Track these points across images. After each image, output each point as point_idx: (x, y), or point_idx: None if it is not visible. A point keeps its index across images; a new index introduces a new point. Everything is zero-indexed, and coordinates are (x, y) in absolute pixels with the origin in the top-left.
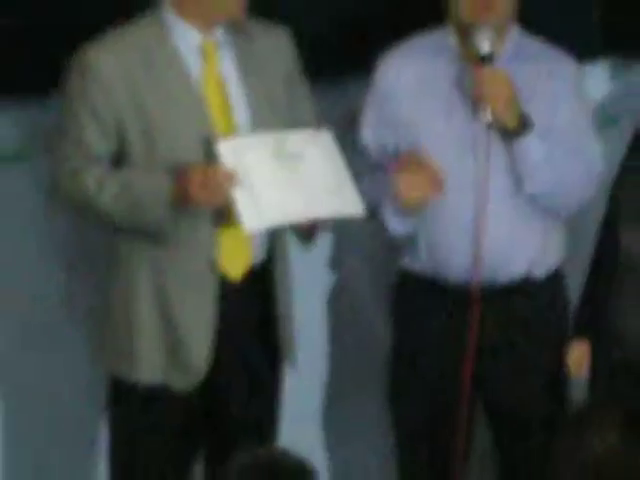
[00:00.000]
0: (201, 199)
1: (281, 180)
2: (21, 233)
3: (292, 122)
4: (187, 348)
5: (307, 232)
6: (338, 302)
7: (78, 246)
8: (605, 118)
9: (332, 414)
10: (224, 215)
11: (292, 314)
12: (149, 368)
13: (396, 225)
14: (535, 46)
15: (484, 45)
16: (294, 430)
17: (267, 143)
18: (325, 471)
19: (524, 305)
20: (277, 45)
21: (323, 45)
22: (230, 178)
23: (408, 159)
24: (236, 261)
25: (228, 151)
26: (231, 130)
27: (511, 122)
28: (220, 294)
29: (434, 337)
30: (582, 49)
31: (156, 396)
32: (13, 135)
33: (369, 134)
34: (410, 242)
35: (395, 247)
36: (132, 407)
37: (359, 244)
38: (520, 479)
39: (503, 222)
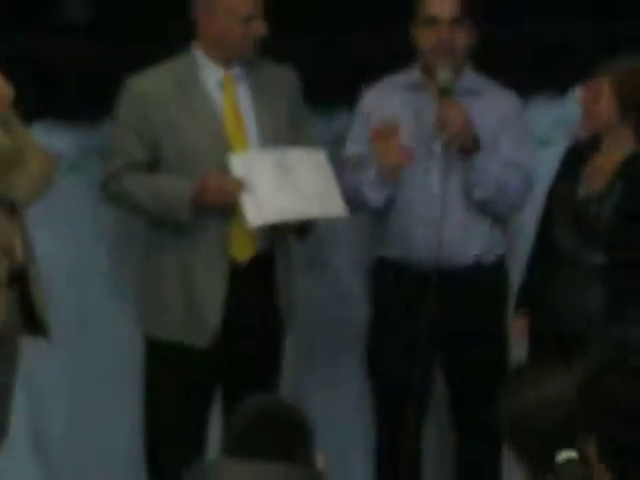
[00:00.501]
0: (216, 201)
1: (280, 187)
2: (76, 230)
3: (294, 141)
4: (203, 315)
5: (300, 229)
6: (325, 284)
7: (121, 238)
8: (543, 140)
9: (319, 369)
10: (233, 213)
11: (293, 295)
12: (174, 330)
13: (374, 196)
14: (484, 82)
15: (444, 81)
16: (288, 381)
17: (270, 157)
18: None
19: (475, 285)
20: (284, 80)
21: (316, 85)
22: (239, 185)
23: (384, 128)
24: (243, 249)
25: (238, 163)
26: (243, 145)
27: (465, 143)
28: (230, 274)
29: (402, 311)
30: (525, 85)
31: (180, 351)
32: (71, 151)
33: (354, 145)
34: (385, 232)
35: (373, 238)
36: (161, 359)
37: (344, 236)
38: (469, 425)
39: (458, 220)
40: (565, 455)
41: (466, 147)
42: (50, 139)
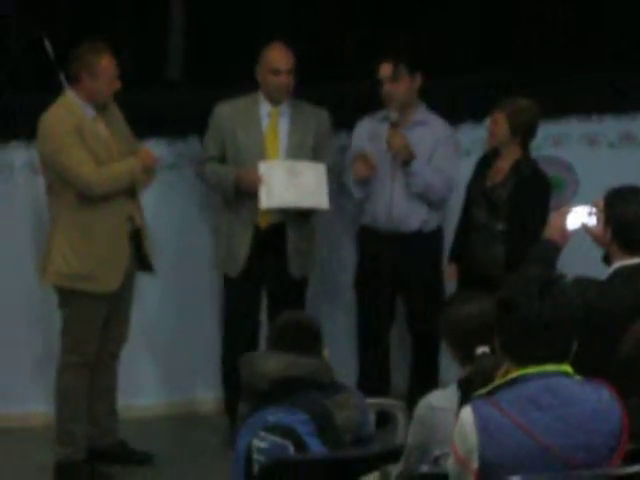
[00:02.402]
0: (246, 187)
1: (287, 185)
2: (172, 204)
3: (315, 157)
4: (236, 256)
5: (300, 214)
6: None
7: (200, 211)
8: (467, 151)
9: (326, 294)
10: (256, 196)
11: (308, 256)
12: (225, 265)
13: (356, 191)
14: (431, 115)
15: (393, 119)
16: (308, 303)
17: (286, 165)
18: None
19: (419, 245)
20: (316, 116)
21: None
22: (259, 180)
23: (358, 156)
24: (263, 219)
25: (263, 167)
26: (274, 155)
27: (406, 157)
28: (255, 234)
29: (375, 260)
30: (456, 116)
31: (230, 277)
32: (170, 156)
33: (349, 158)
34: (364, 209)
35: (358, 214)
36: (227, 283)
37: (343, 213)
38: (419, 332)
39: (405, 202)
40: (481, 350)
41: (405, 159)
42: (164, 149)
